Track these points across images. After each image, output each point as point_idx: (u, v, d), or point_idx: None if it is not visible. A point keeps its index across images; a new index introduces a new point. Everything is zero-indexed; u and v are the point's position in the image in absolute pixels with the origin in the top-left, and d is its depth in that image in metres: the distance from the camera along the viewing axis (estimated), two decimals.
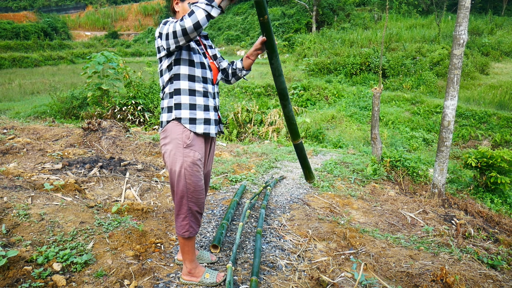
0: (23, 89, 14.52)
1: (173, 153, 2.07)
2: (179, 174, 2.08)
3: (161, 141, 2.15)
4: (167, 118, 2.08)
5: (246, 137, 8.48)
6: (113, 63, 8.83)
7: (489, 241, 3.53)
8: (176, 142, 2.06)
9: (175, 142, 2.07)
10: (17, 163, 4.10)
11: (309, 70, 17.46)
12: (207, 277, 2.33)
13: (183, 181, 2.09)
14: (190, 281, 2.32)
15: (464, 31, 4.05)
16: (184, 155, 2.06)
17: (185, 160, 2.07)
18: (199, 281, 2.32)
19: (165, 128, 2.10)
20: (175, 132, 2.07)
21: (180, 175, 2.08)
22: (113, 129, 5.53)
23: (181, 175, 2.08)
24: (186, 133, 2.07)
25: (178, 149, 2.06)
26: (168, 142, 2.09)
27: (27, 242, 2.46)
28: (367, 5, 30.97)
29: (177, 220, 2.19)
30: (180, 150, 2.06)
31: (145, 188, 3.83)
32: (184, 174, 2.08)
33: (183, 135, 2.06)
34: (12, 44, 27.93)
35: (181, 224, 2.18)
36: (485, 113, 11.36)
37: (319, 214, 3.64)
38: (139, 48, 31.12)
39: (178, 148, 2.06)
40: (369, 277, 2.56)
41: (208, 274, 2.35)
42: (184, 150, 2.06)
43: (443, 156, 4.36)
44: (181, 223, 2.18)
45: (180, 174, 2.08)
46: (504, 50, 18.28)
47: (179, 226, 2.19)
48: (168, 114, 2.09)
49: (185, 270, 2.33)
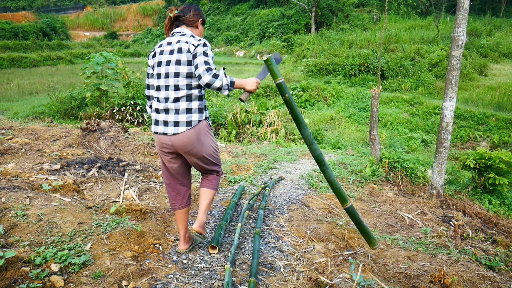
0: (22, 89, 14.50)
1: (208, 136, 2.54)
2: (216, 148, 2.65)
3: (193, 136, 2.43)
4: (198, 118, 2.44)
5: (245, 138, 8.48)
6: (112, 64, 8.82)
7: (487, 242, 3.54)
8: (206, 129, 2.52)
9: (209, 132, 2.55)
10: (15, 164, 4.10)
11: (308, 71, 17.48)
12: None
13: (218, 152, 2.69)
14: (199, 233, 2.69)
15: (462, 32, 4.06)
16: (213, 138, 2.62)
17: (214, 139, 2.64)
18: (203, 235, 2.78)
19: (199, 126, 2.45)
20: (204, 125, 2.50)
21: (217, 149, 2.68)
22: (111, 130, 5.53)
23: (217, 149, 2.68)
24: (208, 122, 2.59)
25: (210, 133, 2.57)
26: (205, 135, 2.50)
27: (25, 242, 2.45)
28: (366, 6, 31.02)
29: (217, 179, 2.74)
30: (210, 133, 2.59)
31: (144, 189, 3.82)
32: (217, 149, 2.67)
33: (208, 125, 2.57)
34: (11, 44, 27.89)
35: (219, 182, 2.77)
36: (484, 115, 11.38)
37: (318, 215, 3.64)
38: (138, 49, 31.11)
39: (209, 132, 2.57)
40: (367, 278, 2.56)
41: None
42: (212, 135, 2.62)
43: (442, 157, 4.37)
44: (219, 182, 2.77)
45: (216, 148, 2.66)
46: (503, 51, 18.33)
47: (218, 184, 2.76)
48: (199, 114, 2.45)
49: (201, 222, 2.69)
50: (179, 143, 2.43)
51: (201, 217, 2.68)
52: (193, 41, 2.40)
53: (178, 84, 2.37)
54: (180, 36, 2.47)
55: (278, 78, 2.50)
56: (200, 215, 2.68)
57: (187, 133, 2.41)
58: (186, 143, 2.43)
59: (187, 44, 2.39)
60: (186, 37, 2.45)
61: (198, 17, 2.59)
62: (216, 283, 2.38)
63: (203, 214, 2.67)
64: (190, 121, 2.40)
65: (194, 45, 2.38)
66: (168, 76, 2.39)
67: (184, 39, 2.43)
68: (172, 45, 2.43)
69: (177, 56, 2.38)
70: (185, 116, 2.39)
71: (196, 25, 2.59)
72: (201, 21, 2.63)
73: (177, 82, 2.37)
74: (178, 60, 2.37)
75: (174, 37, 2.49)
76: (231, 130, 8.68)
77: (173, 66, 2.37)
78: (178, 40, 2.43)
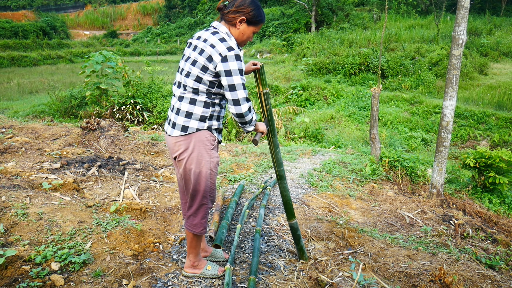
0: (22, 88, 14.49)
1: (201, 154, 2.13)
2: (205, 174, 2.16)
3: (183, 143, 2.14)
4: (197, 126, 2.13)
5: (245, 137, 8.47)
6: (112, 63, 8.82)
7: (487, 241, 3.53)
8: (204, 144, 2.14)
9: (203, 144, 2.14)
10: (15, 162, 4.09)
11: (308, 70, 17.46)
12: (209, 268, 2.40)
13: (207, 181, 2.18)
14: (192, 273, 2.39)
15: (463, 31, 4.06)
16: (211, 156, 2.16)
17: (211, 161, 2.17)
18: (201, 272, 2.39)
19: (196, 135, 2.14)
20: (203, 137, 2.14)
21: (206, 176, 2.17)
22: (111, 129, 5.52)
23: (207, 176, 2.17)
24: (212, 137, 2.18)
25: (206, 151, 2.15)
26: (200, 148, 2.14)
27: (25, 241, 2.45)
28: (366, 5, 31.00)
29: (195, 219, 2.24)
30: (208, 151, 2.15)
31: (144, 188, 3.82)
32: (210, 174, 2.18)
33: (210, 138, 2.16)
34: (11, 43, 27.87)
35: (199, 222, 2.25)
36: (484, 114, 11.37)
37: (318, 214, 3.64)
38: (138, 48, 31.08)
39: (206, 150, 2.14)
40: (367, 277, 2.56)
41: (210, 266, 2.41)
42: (211, 152, 2.17)
43: (442, 156, 4.37)
44: (199, 222, 2.25)
45: (206, 174, 2.16)
46: (503, 50, 18.31)
47: (196, 225, 2.25)
48: (200, 122, 2.13)
49: (189, 263, 2.38)
50: (170, 146, 2.21)
51: (187, 257, 2.39)
52: (221, 48, 1.99)
53: (186, 84, 2.10)
54: (211, 34, 2.07)
55: (265, 88, 2.31)
56: (188, 255, 2.38)
57: (178, 138, 2.13)
58: (173, 147, 2.18)
59: (212, 49, 2.00)
60: (216, 38, 2.03)
61: (238, 14, 2.07)
62: (217, 282, 2.38)
63: (188, 255, 2.37)
64: (186, 127, 2.11)
65: (221, 54, 1.98)
66: (182, 73, 2.13)
67: (212, 40, 2.03)
68: (199, 42, 2.09)
69: (196, 56, 2.06)
70: (183, 120, 2.11)
71: (234, 23, 2.09)
72: (244, 20, 2.08)
73: (186, 82, 2.10)
74: (195, 61, 2.06)
75: (206, 32, 2.11)
76: (231, 129, 8.67)
77: (189, 65, 2.09)
78: (206, 39, 2.06)
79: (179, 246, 2.79)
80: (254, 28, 2.14)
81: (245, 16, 2.07)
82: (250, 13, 2.07)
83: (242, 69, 2.03)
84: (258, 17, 2.11)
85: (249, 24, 2.11)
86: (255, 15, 2.09)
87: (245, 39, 2.16)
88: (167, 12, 43.90)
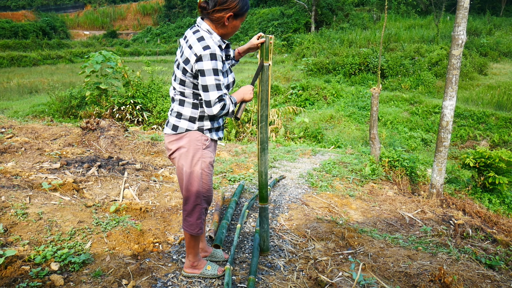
0: (22, 88, 14.48)
1: (191, 154, 2.14)
2: (197, 174, 2.16)
3: (175, 142, 2.16)
4: (187, 127, 2.13)
5: (244, 137, 8.47)
6: (112, 63, 8.82)
7: (487, 241, 3.54)
8: (195, 144, 2.14)
9: (193, 143, 2.14)
10: (15, 162, 4.09)
11: (307, 70, 17.46)
12: (209, 268, 2.40)
13: (200, 181, 2.17)
14: (192, 273, 2.39)
15: (462, 31, 4.06)
16: (202, 156, 2.16)
17: (204, 161, 2.16)
18: (201, 273, 2.39)
19: (186, 135, 2.14)
20: (194, 138, 2.14)
21: (198, 176, 2.17)
22: (111, 129, 5.52)
23: (199, 176, 2.17)
24: (204, 136, 2.17)
25: (197, 151, 2.14)
26: (191, 149, 2.14)
27: (25, 241, 2.45)
28: (366, 5, 31.02)
29: (190, 220, 2.24)
30: (199, 151, 2.15)
31: (144, 188, 3.82)
32: (202, 174, 2.17)
33: (202, 138, 2.15)
34: (11, 43, 27.88)
35: (195, 223, 2.25)
36: (484, 114, 11.37)
37: (318, 214, 3.64)
38: (138, 48, 31.09)
39: (197, 150, 2.14)
40: (367, 277, 2.56)
41: (209, 266, 2.41)
42: (203, 152, 2.16)
43: (442, 156, 4.37)
44: (195, 222, 2.25)
45: (198, 174, 2.16)
46: (503, 50, 18.32)
47: (192, 225, 2.25)
48: (190, 123, 2.13)
49: (188, 263, 2.38)
50: (165, 144, 2.25)
51: (187, 258, 2.39)
52: (197, 48, 1.95)
53: (175, 87, 2.14)
54: (192, 34, 2.04)
55: (267, 61, 2.31)
56: (187, 255, 2.39)
57: (170, 137, 2.17)
58: (167, 146, 2.22)
59: (189, 51, 1.98)
60: (195, 38, 1.99)
61: (225, 12, 1.98)
62: (216, 282, 2.38)
63: (187, 255, 2.38)
64: (176, 126, 2.13)
65: (197, 54, 1.94)
66: (172, 75, 2.17)
67: (191, 41, 2.00)
68: (184, 42, 2.07)
69: (178, 59, 2.07)
70: (174, 119, 2.15)
71: (222, 21, 2.01)
72: (232, 15, 2.01)
73: (174, 84, 2.14)
74: (178, 64, 2.06)
75: (190, 30, 2.08)
76: (230, 129, 8.67)
77: (175, 67, 2.12)
78: (187, 40, 2.04)
79: (178, 246, 2.79)
80: (242, 18, 2.09)
81: (232, 12, 1.99)
82: (236, 7, 2.00)
83: (217, 69, 1.97)
84: (244, 7, 2.04)
85: (237, 17, 2.04)
86: (242, 7, 2.02)
87: (234, 31, 2.11)
88: (167, 12, 43.92)
